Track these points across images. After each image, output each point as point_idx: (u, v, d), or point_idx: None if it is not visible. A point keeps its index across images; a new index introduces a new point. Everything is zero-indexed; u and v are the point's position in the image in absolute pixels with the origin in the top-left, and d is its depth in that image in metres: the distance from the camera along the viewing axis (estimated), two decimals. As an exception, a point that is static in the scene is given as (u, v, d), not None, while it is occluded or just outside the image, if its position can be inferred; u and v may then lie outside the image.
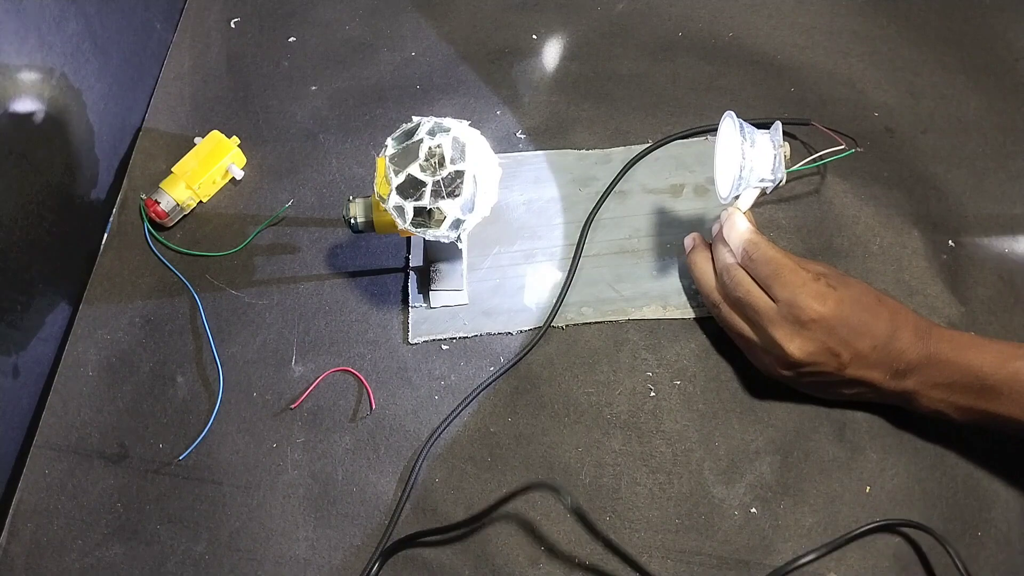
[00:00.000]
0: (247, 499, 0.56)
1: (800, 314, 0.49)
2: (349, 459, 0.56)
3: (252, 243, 0.64)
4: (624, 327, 0.59)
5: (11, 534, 0.55)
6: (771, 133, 0.53)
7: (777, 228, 0.61)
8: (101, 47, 0.65)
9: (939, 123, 0.65)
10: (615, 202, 0.64)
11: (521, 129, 0.68)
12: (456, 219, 0.48)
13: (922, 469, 0.53)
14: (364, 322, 0.61)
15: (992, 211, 0.62)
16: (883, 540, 0.52)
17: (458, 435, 0.57)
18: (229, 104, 0.71)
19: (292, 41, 0.74)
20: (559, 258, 0.62)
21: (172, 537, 0.55)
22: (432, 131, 0.48)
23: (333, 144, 0.68)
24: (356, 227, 0.55)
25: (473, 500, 0.55)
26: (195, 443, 0.57)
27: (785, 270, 0.50)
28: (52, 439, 0.58)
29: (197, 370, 0.60)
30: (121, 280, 0.63)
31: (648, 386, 0.57)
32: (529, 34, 0.73)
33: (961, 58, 0.68)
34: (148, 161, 0.68)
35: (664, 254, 0.61)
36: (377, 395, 0.58)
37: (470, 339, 0.59)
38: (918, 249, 0.60)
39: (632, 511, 0.54)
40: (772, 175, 0.53)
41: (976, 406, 0.49)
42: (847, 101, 0.67)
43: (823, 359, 0.49)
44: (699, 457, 0.55)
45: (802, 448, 0.54)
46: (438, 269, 0.60)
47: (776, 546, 0.52)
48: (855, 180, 0.63)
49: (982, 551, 0.51)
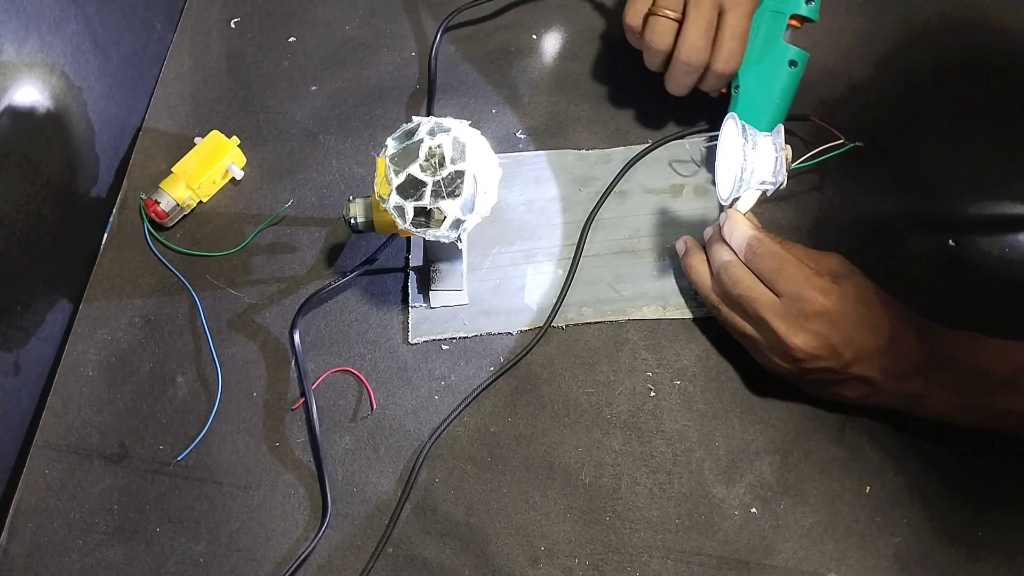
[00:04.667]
0: (247, 499, 0.56)
1: (804, 307, 0.49)
2: (349, 459, 0.56)
3: (252, 243, 0.64)
4: (624, 327, 0.59)
5: (11, 534, 0.55)
6: (773, 136, 0.53)
7: (777, 228, 0.61)
8: (101, 47, 0.65)
9: (939, 123, 0.65)
10: (615, 202, 0.64)
11: (521, 129, 0.68)
12: (456, 219, 0.48)
13: (922, 469, 0.53)
14: (364, 322, 0.61)
15: (992, 211, 0.62)
16: (883, 540, 0.52)
17: (458, 435, 0.57)
18: (229, 104, 0.71)
19: (292, 41, 0.74)
20: (559, 258, 0.62)
21: (172, 537, 0.55)
22: (432, 131, 0.48)
23: (333, 144, 0.68)
24: (356, 227, 0.55)
25: (473, 500, 0.55)
26: (194, 443, 0.57)
27: (789, 265, 0.50)
28: (52, 439, 0.58)
29: (197, 370, 0.60)
30: (121, 280, 0.63)
31: (648, 386, 0.57)
32: (529, 34, 0.73)
33: (961, 58, 0.68)
34: (148, 161, 0.68)
35: (664, 254, 0.61)
36: (377, 395, 0.58)
37: (470, 339, 0.59)
38: (918, 249, 0.60)
39: (632, 511, 0.54)
40: (773, 177, 0.53)
41: (983, 404, 0.49)
42: (847, 101, 0.67)
43: (826, 354, 0.49)
44: (699, 457, 0.55)
45: (802, 448, 0.54)
46: (438, 269, 0.60)
47: (776, 546, 0.52)
48: (855, 180, 0.63)
49: (982, 551, 0.51)
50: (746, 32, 0.58)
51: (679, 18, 0.58)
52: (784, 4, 0.58)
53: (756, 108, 0.59)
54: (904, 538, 0.52)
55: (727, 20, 0.57)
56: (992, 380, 0.49)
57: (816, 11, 0.58)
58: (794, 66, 0.59)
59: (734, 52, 0.58)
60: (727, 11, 0.57)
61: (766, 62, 0.59)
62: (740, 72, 0.60)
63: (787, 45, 0.59)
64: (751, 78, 0.60)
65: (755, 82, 0.60)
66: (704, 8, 0.57)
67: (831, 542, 0.52)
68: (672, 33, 0.59)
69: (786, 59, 0.59)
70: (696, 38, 0.58)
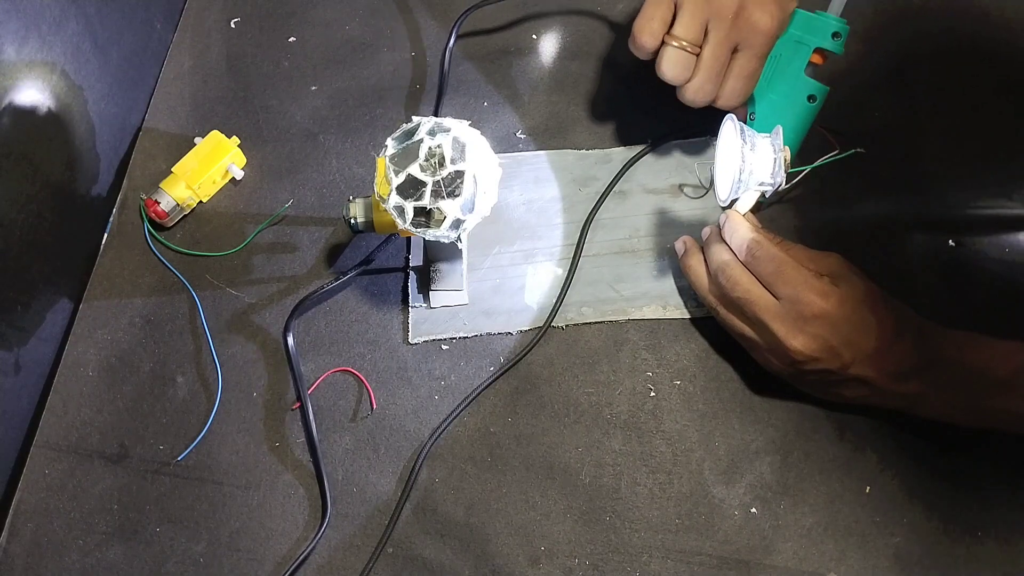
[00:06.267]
0: (247, 499, 0.56)
1: (803, 310, 0.49)
2: (349, 459, 0.56)
3: (252, 243, 0.64)
4: (624, 327, 0.59)
5: (11, 534, 0.55)
6: (772, 137, 0.53)
7: (777, 228, 0.61)
8: (101, 47, 0.65)
9: (939, 123, 0.65)
10: (615, 202, 0.64)
11: (521, 129, 0.68)
12: (456, 219, 0.48)
13: (922, 469, 0.53)
14: (364, 322, 0.61)
15: (992, 211, 0.62)
16: (883, 540, 0.52)
17: (458, 435, 0.57)
18: (229, 104, 0.71)
19: (292, 41, 0.74)
20: (559, 258, 0.62)
21: (172, 537, 0.55)
22: (432, 131, 0.48)
23: (333, 144, 0.68)
24: (356, 227, 0.55)
25: (473, 500, 0.55)
26: (194, 443, 0.57)
27: (788, 267, 0.50)
28: (52, 439, 0.58)
29: (197, 370, 0.60)
30: (121, 280, 0.63)
31: (648, 386, 0.57)
32: (529, 34, 0.73)
33: (961, 57, 0.68)
34: (148, 161, 0.68)
35: (664, 254, 0.61)
36: (377, 395, 0.58)
37: (470, 339, 0.59)
38: (918, 249, 0.60)
39: (632, 511, 0.54)
40: (772, 179, 0.53)
41: (983, 405, 0.49)
42: (847, 101, 0.66)
43: (825, 356, 0.49)
44: (699, 457, 0.55)
45: (802, 448, 0.54)
46: (438, 269, 0.60)
47: (776, 546, 0.52)
48: (855, 180, 0.63)
49: (982, 551, 0.51)
50: (756, 73, 0.57)
51: (698, 51, 0.56)
52: (810, 36, 0.56)
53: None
54: (904, 538, 0.52)
55: (738, 60, 0.56)
56: (991, 381, 0.49)
57: (841, 46, 0.57)
58: (812, 100, 0.57)
59: (738, 92, 0.57)
60: (740, 51, 0.56)
61: (783, 93, 0.58)
62: (756, 100, 0.59)
63: (807, 79, 0.57)
64: (767, 107, 0.59)
65: (771, 111, 0.59)
66: (719, 50, 0.55)
67: (831, 542, 0.52)
68: (690, 68, 0.56)
69: (805, 93, 0.57)
70: (705, 82, 0.56)
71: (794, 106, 0.58)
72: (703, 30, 0.55)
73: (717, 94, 0.57)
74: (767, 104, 0.59)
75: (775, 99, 0.59)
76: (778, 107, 0.59)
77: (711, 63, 0.56)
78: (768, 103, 0.59)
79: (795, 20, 0.57)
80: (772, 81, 0.58)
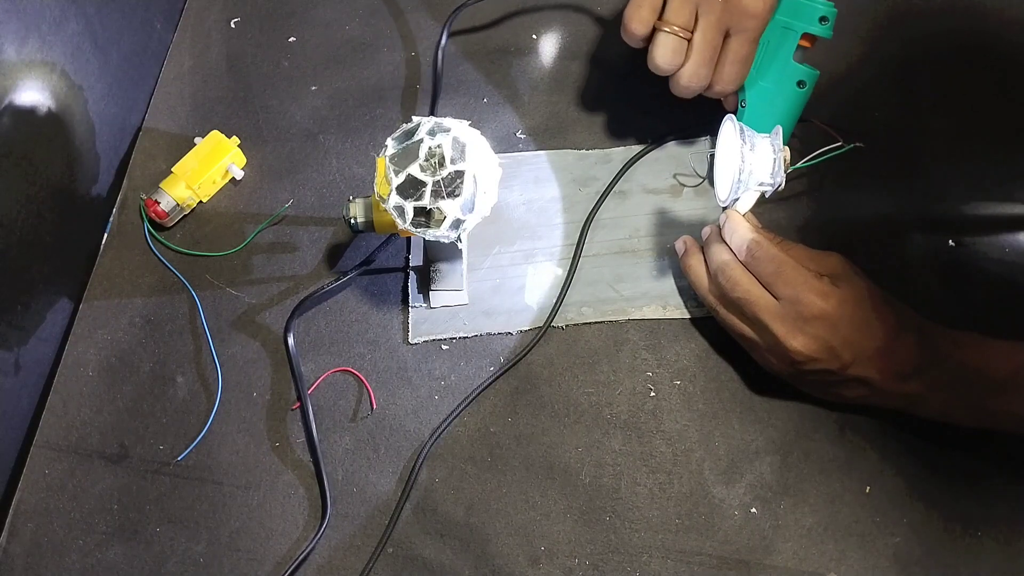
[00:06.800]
0: (247, 499, 0.56)
1: (803, 310, 0.49)
2: (349, 459, 0.56)
3: (252, 243, 0.64)
4: (624, 327, 0.59)
5: (11, 534, 0.55)
6: (771, 137, 0.53)
7: (777, 227, 0.61)
8: (101, 47, 0.65)
9: (939, 123, 0.65)
10: (615, 202, 0.64)
11: (521, 129, 0.68)
12: (456, 219, 0.48)
13: (922, 469, 0.53)
14: (364, 322, 0.61)
15: (992, 211, 0.62)
16: (883, 540, 0.52)
17: (458, 435, 0.57)
18: (229, 104, 0.71)
19: (292, 41, 0.74)
20: (559, 258, 0.62)
21: (172, 537, 0.55)
22: (432, 131, 0.48)
23: (333, 144, 0.68)
24: (356, 227, 0.55)
25: (473, 500, 0.55)
26: (194, 443, 0.57)
27: (788, 268, 0.50)
28: (52, 439, 0.58)
29: (197, 370, 0.60)
30: (121, 280, 0.63)
31: (648, 386, 0.57)
32: (529, 34, 0.73)
33: (962, 57, 0.68)
34: (148, 161, 0.68)
35: (664, 254, 0.61)
36: (377, 395, 0.58)
37: (470, 339, 0.59)
38: (918, 249, 0.60)
39: (632, 511, 0.54)
40: (771, 179, 0.53)
41: (983, 405, 0.49)
42: (847, 101, 0.67)
43: (825, 356, 0.49)
44: (699, 457, 0.55)
45: (802, 448, 0.54)
46: (438, 269, 0.60)
47: (776, 546, 0.52)
48: (855, 180, 0.63)
49: (982, 551, 0.51)
50: (749, 57, 0.57)
51: (689, 36, 0.56)
52: (796, 21, 0.57)
53: (761, 125, 0.57)
54: (904, 538, 0.52)
55: (731, 45, 0.56)
56: (992, 381, 0.49)
57: (829, 30, 0.57)
58: (802, 86, 0.58)
59: (734, 76, 0.57)
60: (732, 35, 0.56)
61: (773, 79, 0.58)
62: (746, 87, 0.59)
63: (796, 64, 0.57)
64: (757, 95, 0.59)
65: (761, 99, 0.59)
66: (711, 34, 0.55)
67: (831, 542, 0.52)
68: (682, 54, 0.56)
69: (795, 79, 0.58)
70: (699, 67, 0.56)
71: (784, 92, 0.58)
72: (694, 14, 0.55)
73: (712, 80, 0.57)
74: (757, 91, 0.59)
75: (765, 86, 0.59)
76: (768, 94, 0.59)
77: (703, 47, 0.56)
78: (758, 90, 0.59)
79: (782, 5, 0.57)
80: (761, 68, 0.58)
